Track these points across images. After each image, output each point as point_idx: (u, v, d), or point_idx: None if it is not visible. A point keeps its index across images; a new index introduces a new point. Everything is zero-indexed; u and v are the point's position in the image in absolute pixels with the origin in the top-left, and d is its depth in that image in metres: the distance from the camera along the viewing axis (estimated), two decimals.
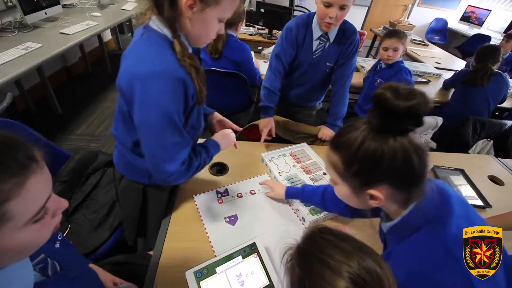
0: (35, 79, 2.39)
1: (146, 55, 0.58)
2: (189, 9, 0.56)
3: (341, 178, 0.53)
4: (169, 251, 0.77)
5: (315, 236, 0.41)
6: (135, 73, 0.57)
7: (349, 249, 0.38)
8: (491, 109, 1.89)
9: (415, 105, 0.43)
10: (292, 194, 0.92)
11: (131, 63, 0.58)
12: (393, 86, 0.45)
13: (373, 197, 0.50)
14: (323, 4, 1.04)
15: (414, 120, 0.45)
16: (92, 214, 1.07)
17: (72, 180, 1.11)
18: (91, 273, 0.61)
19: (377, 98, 0.45)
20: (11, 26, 1.97)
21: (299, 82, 1.34)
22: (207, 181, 1.02)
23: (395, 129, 0.45)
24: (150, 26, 0.61)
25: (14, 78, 1.45)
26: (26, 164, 0.33)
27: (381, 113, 0.45)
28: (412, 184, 0.48)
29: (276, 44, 1.25)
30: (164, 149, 0.63)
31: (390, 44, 1.64)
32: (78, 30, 2.10)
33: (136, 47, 0.60)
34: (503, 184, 1.21)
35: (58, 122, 2.27)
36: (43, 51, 1.72)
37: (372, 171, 0.48)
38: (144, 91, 0.57)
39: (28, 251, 0.37)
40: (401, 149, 0.45)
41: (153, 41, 0.59)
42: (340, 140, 0.50)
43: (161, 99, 0.57)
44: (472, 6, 4.67)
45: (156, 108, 0.58)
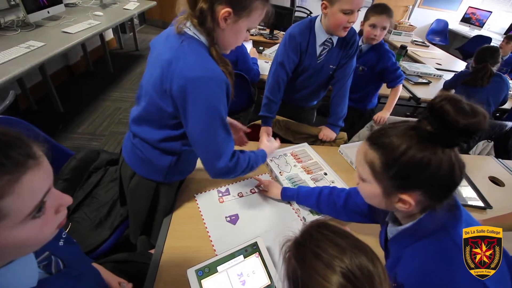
0: (37, 78, 2.40)
1: (196, 61, 0.62)
2: (224, 21, 0.62)
3: (375, 177, 0.51)
4: (170, 250, 0.78)
5: (312, 230, 0.43)
6: (189, 77, 0.61)
7: (343, 245, 0.39)
8: (492, 110, 1.89)
9: (475, 123, 0.42)
10: (287, 196, 0.94)
11: (182, 68, 0.62)
12: (455, 99, 0.44)
13: (402, 201, 0.49)
14: (343, 13, 1.03)
15: (468, 136, 0.44)
16: (93, 213, 1.07)
17: (74, 178, 1.12)
18: (94, 271, 0.61)
19: (435, 109, 0.44)
20: (14, 24, 1.97)
21: (302, 85, 1.34)
22: (208, 181, 1.03)
23: (447, 142, 0.45)
24: (187, 33, 0.65)
25: (17, 76, 1.46)
26: (21, 161, 0.32)
27: (437, 125, 0.44)
28: (446, 195, 0.48)
29: (279, 51, 1.23)
30: (216, 145, 0.69)
31: (380, 22, 1.38)
32: (80, 29, 2.11)
33: (183, 54, 0.63)
34: (504, 185, 1.22)
35: (59, 120, 2.28)
36: (45, 49, 1.72)
37: (413, 178, 0.47)
38: (198, 94, 0.62)
39: (31, 247, 0.37)
40: (447, 162, 0.45)
41: (195, 48, 0.64)
42: (384, 141, 0.49)
43: (212, 99, 0.63)
44: (472, 8, 4.68)
45: (209, 108, 0.64)
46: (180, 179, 0.92)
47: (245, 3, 0.61)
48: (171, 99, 0.65)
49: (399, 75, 1.52)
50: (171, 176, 0.84)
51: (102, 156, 1.27)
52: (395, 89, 1.56)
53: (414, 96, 2.01)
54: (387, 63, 1.48)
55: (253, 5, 0.62)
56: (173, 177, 0.85)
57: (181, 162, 0.82)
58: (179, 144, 0.77)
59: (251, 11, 0.63)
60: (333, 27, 1.10)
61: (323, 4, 1.08)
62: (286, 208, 0.95)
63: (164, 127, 0.74)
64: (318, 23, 1.17)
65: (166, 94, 0.66)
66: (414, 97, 2.01)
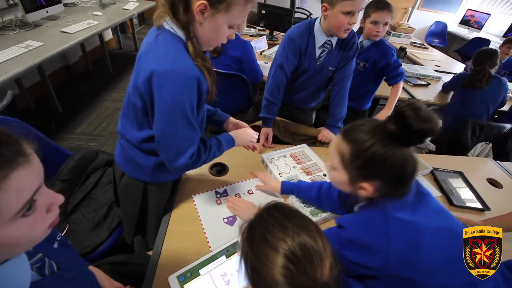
0: (35, 78, 2.39)
1: (165, 55, 0.61)
2: (200, 14, 0.60)
3: (343, 166, 0.60)
4: (168, 252, 0.77)
5: (263, 212, 0.45)
6: (155, 70, 0.60)
7: (288, 226, 0.42)
8: (490, 112, 1.90)
9: (428, 129, 0.51)
10: (287, 189, 0.94)
11: (150, 61, 0.61)
12: (416, 106, 0.52)
13: (363, 188, 0.59)
14: (344, 14, 1.03)
15: (421, 138, 0.53)
16: (91, 214, 1.07)
17: (72, 179, 1.11)
18: (88, 275, 0.61)
19: (400, 113, 0.52)
20: (12, 24, 1.97)
21: (302, 87, 1.34)
22: (207, 181, 1.02)
23: (404, 141, 0.54)
24: (164, 27, 0.63)
25: (15, 76, 1.45)
26: (10, 158, 0.32)
27: (398, 126, 0.53)
28: (400, 185, 0.57)
29: (278, 53, 1.23)
30: (177, 142, 0.68)
31: (381, 17, 1.37)
32: (79, 29, 2.10)
33: (155, 47, 0.63)
34: (502, 187, 1.22)
35: (58, 120, 2.27)
36: (44, 49, 1.72)
37: (373, 169, 0.56)
38: (163, 87, 0.61)
39: (22, 246, 0.37)
40: (402, 158, 0.54)
41: (169, 42, 0.62)
42: (355, 135, 0.58)
43: (177, 95, 0.62)
44: (471, 10, 4.70)
45: (172, 103, 0.62)
46: (170, 179, 0.89)
47: None
48: (139, 93, 0.64)
49: (401, 72, 1.52)
50: (158, 176, 0.83)
51: (100, 157, 1.26)
52: (396, 86, 1.56)
53: (413, 97, 2.01)
54: (390, 60, 1.48)
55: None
56: (160, 177, 0.83)
57: (164, 165, 0.78)
58: None
59: (229, 5, 0.60)
60: (334, 29, 1.10)
61: (323, 6, 1.08)
62: None
63: (143, 126, 0.72)
64: (317, 25, 1.17)
65: (136, 88, 0.65)
66: (413, 98, 2.01)
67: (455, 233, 0.58)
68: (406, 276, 0.54)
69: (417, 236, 0.55)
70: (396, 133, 0.53)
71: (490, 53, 1.77)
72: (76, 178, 1.13)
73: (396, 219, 0.55)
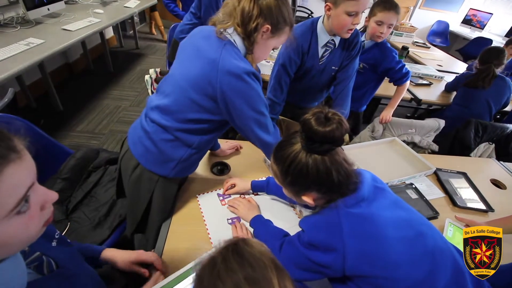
0: (36, 75, 2.38)
1: (237, 60, 0.71)
2: (261, 35, 0.74)
3: (282, 184, 0.63)
4: (170, 252, 0.77)
5: (217, 256, 0.39)
6: (232, 71, 0.69)
7: (239, 279, 0.35)
8: (493, 113, 1.89)
9: (330, 131, 0.51)
10: (257, 187, 0.96)
11: (224, 64, 0.69)
12: (317, 113, 0.54)
13: (304, 200, 0.60)
14: (347, 14, 1.01)
15: (331, 143, 0.53)
16: (92, 212, 1.06)
17: (73, 177, 1.10)
18: (90, 272, 0.60)
19: (302, 123, 0.54)
20: (13, 21, 1.95)
21: (305, 86, 1.33)
22: (211, 181, 1.02)
23: (317, 151, 0.54)
24: (228, 38, 0.73)
25: (16, 73, 1.44)
26: (2, 154, 0.32)
27: (306, 137, 0.54)
28: (333, 191, 0.57)
29: (280, 53, 1.22)
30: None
31: (387, 18, 1.31)
32: (80, 26, 2.09)
33: (227, 55, 0.70)
34: (506, 188, 1.21)
35: (58, 118, 2.26)
36: (45, 47, 1.71)
37: (303, 183, 0.58)
38: (240, 85, 0.71)
39: (17, 245, 0.36)
40: (323, 166, 0.54)
41: (233, 52, 0.72)
42: (278, 154, 0.60)
43: (250, 86, 0.73)
44: (474, 9, 4.68)
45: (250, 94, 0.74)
46: (186, 174, 0.95)
47: (280, 25, 0.74)
48: (212, 94, 0.71)
49: (406, 73, 1.50)
50: (178, 171, 0.83)
51: (101, 155, 1.25)
52: (402, 86, 1.55)
53: (415, 97, 2.00)
54: (392, 63, 1.45)
55: (284, 29, 0.76)
56: (180, 172, 0.84)
57: (190, 159, 0.83)
58: (197, 139, 0.80)
59: (281, 33, 0.76)
60: (337, 29, 1.09)
61: (327, 6, 1.06)
62: (288, 211, 0.94)
63: (188, 119, 0.77)
64: (320, 24, 1.15)
65: (207, 89, 0.71)
66: (415, 98, 2.00)
67: (412, 223, 0.59)
68: (369, 273, 0.54)
69: (373, 229, 0.55)
70: (307, 145, 0.54)
71: (497, 52, 1.74)
72: (77, 177, 1.12)
73: (348, 215, 0.56)
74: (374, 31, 1.38)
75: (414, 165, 1.24)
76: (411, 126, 1.59)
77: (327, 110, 0.54)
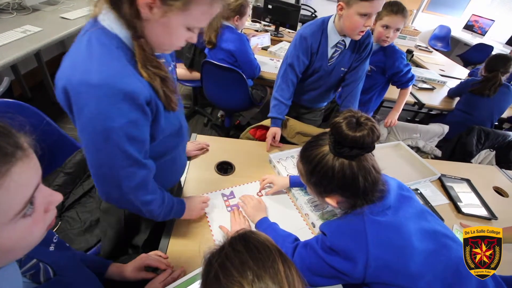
0: (32, 64, 2.31)
1: (84, 59, 0.48)
2: (147, 9, 0.47)
3: (306, 183, 0.63)
4: (174, 253, 0.75)
5: (226, 244, 0.40)
6: (69, 80, 0.47)
7: (249, 265, 0.35)
8: (495, 121, 1.89)
9: (360, 137, 0.51)
10: (296, 183, 0.94)
11: (66, 67, 0.49)
12: (348, 116, 0.53)
13: (327, 201, 0.61)
14: (360, 15, 0.98)
15: (361, 148, 0.53)
16: (85, 214, 1.01)
17: (76, 173, 1.06)
18: (89, 277, 0.57)
19: (332, 126, 0.53)
20: (10, 7, 1.88)
21: (312, 87, 1.30)
22: (215, 180, 0.99)
23: (345, 155, 0.54)
24: (100, 22, 0.50)
25: (12, 62, 1.39)
26: (10, 151, 0.29)
27: (335, 140, 0.54)
28: (357, 197, 0.57)
29: (289, 52, 1.19)
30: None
31: (394, 22, 1.27)
32: (79, 15, 2.03)
33: (75, 48, 0.50)
34: (508, 196, 1.21)
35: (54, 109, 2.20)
36: (42, 35, 1.65)
37: (327, 185, 0.58)
38: (77, 104, 0.48)
39: (19, 251, 0.34)
40: (349, 171, 0.54)
41: (95, 42, 0.48)
42: (306, 154, 0.60)
43: (97, 116, 0.47)
44: (476, 15, 4.69)
45: (95, 125, 0.49)
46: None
47: None
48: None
49: (412, 77, 1.49)
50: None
51: None
52: (407, 89, 1.55)
53: (419, 101, 2.00)
54: (400, 66, 1.43)
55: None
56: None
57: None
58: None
59: (187, 4, 0.47)
60: (348, 30, 1.06)
61: (339, 5, 1.03)
62: (294, 213, 0.92)
63: None
64: (331, 24, 1.12)
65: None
66: (418, 102, 2.00)
67: (437, 235, 0.57)
68: (390, 281, 0.53)
69: (397, 238, 0.54)
70: (336, 147, 0.54)
71: (505, 60, 1.73)
72: (80, 173, 1.08)
73: (374, 222, 0.55)
74: (380, 35, 1.35)
75: (418, 170, 1.23)
76: (416, 131, 1.58)
77: (359, 114, 0.53)
